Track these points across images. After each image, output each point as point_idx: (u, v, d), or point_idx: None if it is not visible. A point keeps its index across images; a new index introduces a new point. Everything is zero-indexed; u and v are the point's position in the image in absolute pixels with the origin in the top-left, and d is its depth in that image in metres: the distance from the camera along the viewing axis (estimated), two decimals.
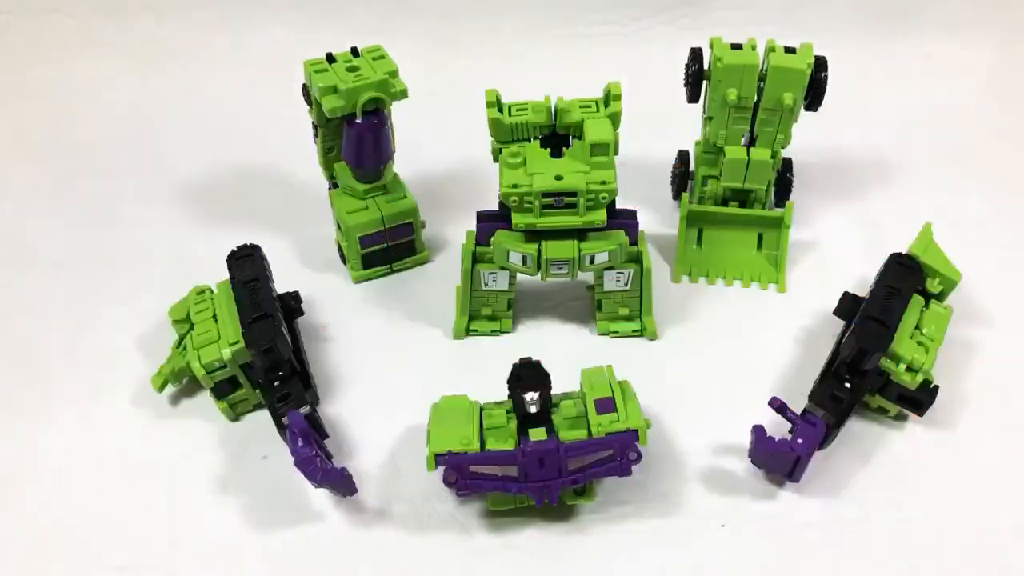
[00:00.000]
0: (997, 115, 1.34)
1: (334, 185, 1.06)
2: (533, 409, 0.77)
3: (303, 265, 1.10)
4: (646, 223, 1.01)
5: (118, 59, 1.45)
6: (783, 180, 1.09)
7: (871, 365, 0.85)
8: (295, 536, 0.81)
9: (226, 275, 0.94)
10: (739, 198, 1.07)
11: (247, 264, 0.93)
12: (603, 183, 0.86)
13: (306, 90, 0.99)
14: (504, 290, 0.97)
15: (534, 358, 0.80)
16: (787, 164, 1.10)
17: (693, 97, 1.04)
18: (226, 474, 0.86)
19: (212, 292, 0.95)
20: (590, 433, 0.76)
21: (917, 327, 0.88)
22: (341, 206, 1.03)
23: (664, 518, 0.82)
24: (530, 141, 0.91)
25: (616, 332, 0.99)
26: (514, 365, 0.80)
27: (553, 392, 0.79)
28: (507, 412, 0.80)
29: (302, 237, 1.13)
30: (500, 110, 0.90)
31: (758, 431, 0.81)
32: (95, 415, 0.92)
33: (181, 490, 0.85)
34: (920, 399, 0.86)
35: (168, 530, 0.82)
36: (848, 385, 0.85)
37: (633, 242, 0.93)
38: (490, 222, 0.92)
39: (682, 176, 1.14)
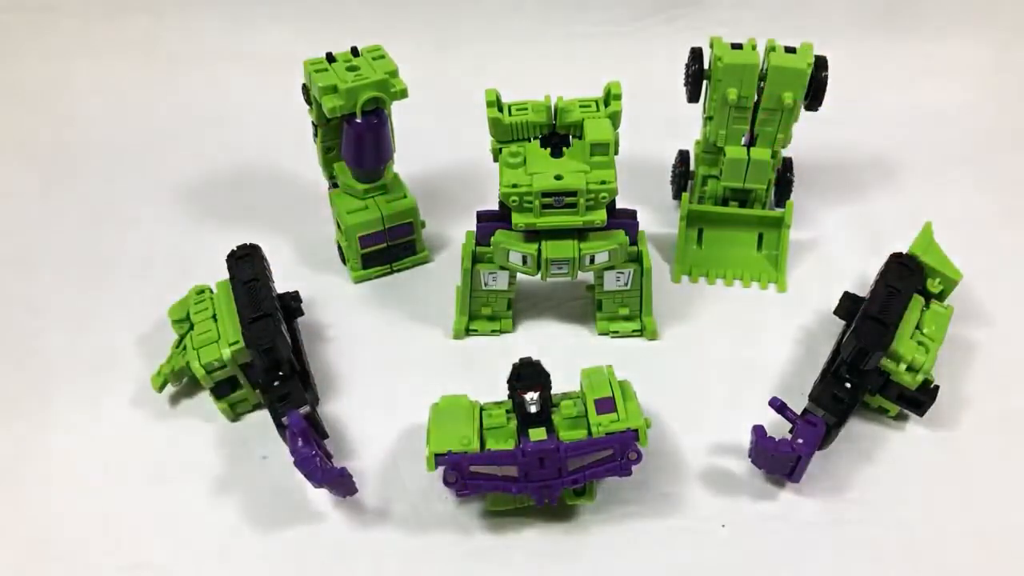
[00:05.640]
0: (997, 115, 1.34)
1: (334, 185, 1.06)
2: (533, 409, 0.76)
3: (303, 265, 1.10)
4: (646, 223, 1.01)
5: (118, 59, 1.45)
6: (783, 180, 1.09)
7: (871, 365, 0.85)
8: (295, 536, 0.81)
9: (226, 275, 0.94)
10: (739, 198, 1.07)
11: (247, 264, 0.93)
12: (603, 183, 0.86)
13: (306, 90, 0.99)
14: (504, 290, 0.97)
15: (534, 358, 0.80)
16: (787, 164, 1.10)
17: (693, 97, 1.04)
18: (226, 474, 0.86)
19: (212, 292, 0.95)
20: (590, 433, 0.76)
21: (917, 327, 0.88)
22: (341, 206, 1.03)
23: (664, 518, 0.82)
24: (530, 141, 0.91)
25: (616, 332, 0.99)
26: (514, 365, 0.80)
27: (553, 392, 0.79)
28: (507, 412, 0.80)
29: (302, 237, 1.13)
30: (500, 110, 0.90)
31: (758, 431, 0.80)
32: (95, 415, 0.92)
33: (181, 490, 0.85)
34: (920, 399, 0.86)
35: (168, 530, 0.82)
36: (848, 385, 0.85)
37: (633, 242, 0.93)
38: (490, 222, 0.92)
39: (682, 176, 1.14)
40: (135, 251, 1.12)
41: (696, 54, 1.02)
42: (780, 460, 0.81)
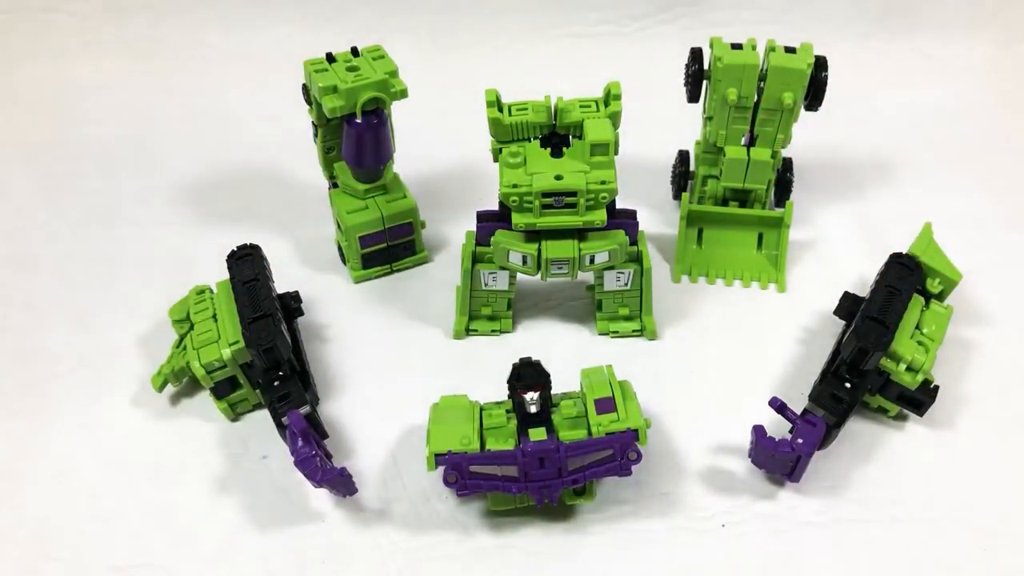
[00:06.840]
0: (997, 115, 1.34)
1: (334, 185, 1.06)
2: (533, 409, 0.76)
3: (303, 265, 1.10)
4: (646, 223, 1.02)
5: (118, 59, 1.45)
6: (783, 180, 1.09)
7: (871, 365, 0.85)
8: (295, 536, 0.81)
9: (226, 275, 0.94)
10: (739, 198, 1.07)
11: (247, 264, 0.93)
12: (603, 183, 0.86)
13: (306, 90, 0.99)
14: (504, 290, 0.97)
15: (534, 358, 0.80)
16: (787, 164, 1.10)
17: (693, 97, 1.04)
18: (226, 474, 0.86)
19: (212, 292, 0.95)
20: (590, 433, 0.76)
21: (917, 327, 0.88)
22: (341, 206, 1.03)
23: (664, 518, 0.82)
24: (530, 141, 0.91)
25: (616, 332, 0.99)
26: (514, 365, 0.80)
27: (553, 392, 0.79)
28: (507, 412, 0.80)
29: (302, 237, 1.13)
30: (500, 110, 0.90)
31: (758, 431, 0.81)
32: (95, 415, 0.92)
33: (181, 490, 0.85)
34: (920, 399, 0.86)
35: (168, 530, 0.82)
36: (848, 385, 0.85)
37: (633, 242, 0.93)
38: (490, 222, 0.92)
39: (682, 176, 1.14)
40: (135, 251, 1.12)
41: (696, 54, 1.02)
42: (780, 460, 0.81)
